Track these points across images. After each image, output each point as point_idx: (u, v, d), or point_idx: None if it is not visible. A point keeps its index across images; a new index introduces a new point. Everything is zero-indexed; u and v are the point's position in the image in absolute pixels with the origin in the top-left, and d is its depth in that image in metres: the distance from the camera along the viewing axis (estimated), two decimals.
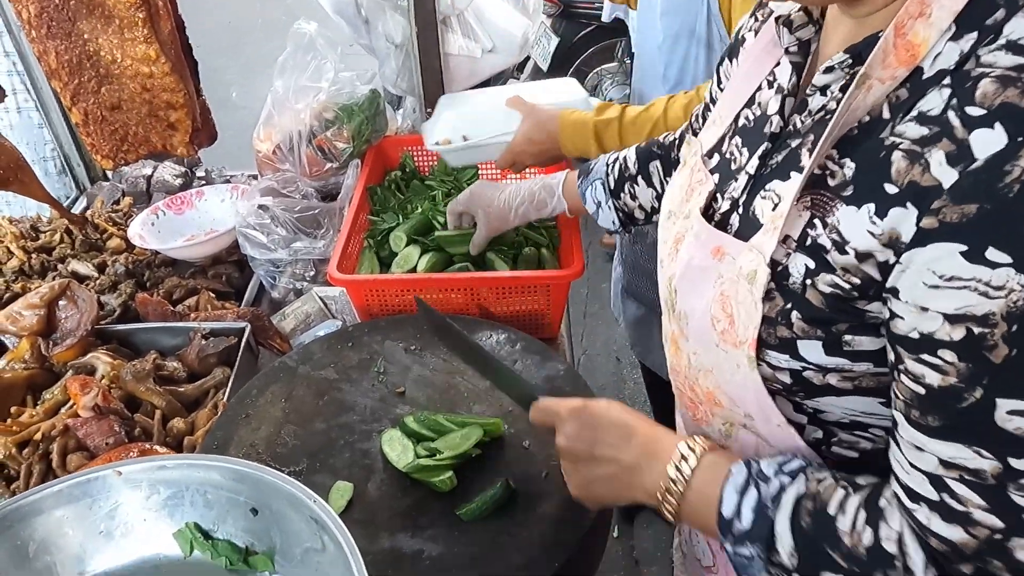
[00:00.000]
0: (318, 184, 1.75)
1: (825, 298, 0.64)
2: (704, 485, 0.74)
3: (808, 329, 0.66)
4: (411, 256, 1.50)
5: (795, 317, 0.67)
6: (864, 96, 0.63)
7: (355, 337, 1.31)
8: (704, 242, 0.77)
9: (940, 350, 0.57)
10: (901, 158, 0.58)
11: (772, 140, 0.75)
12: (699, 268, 0.77)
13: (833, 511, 0.65)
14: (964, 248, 0.53)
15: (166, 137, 1.83)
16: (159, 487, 0.82)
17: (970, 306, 0.54)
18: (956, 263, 0.54)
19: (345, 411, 1.16)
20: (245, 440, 1.12)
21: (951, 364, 0.56)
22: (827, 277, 0.64)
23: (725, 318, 0.73)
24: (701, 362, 0.80)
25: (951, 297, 0.55)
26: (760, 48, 0.82)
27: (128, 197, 1.97)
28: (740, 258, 0.71)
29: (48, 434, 1.21)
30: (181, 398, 1.30)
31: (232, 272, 1.68)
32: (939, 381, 0.57)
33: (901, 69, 0.60)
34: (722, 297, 0.73)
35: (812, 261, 0.65)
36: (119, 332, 1.44)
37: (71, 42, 1.68)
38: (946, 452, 0.58)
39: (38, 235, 1.79)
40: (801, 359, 0.68)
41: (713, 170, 0.83)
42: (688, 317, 0.80)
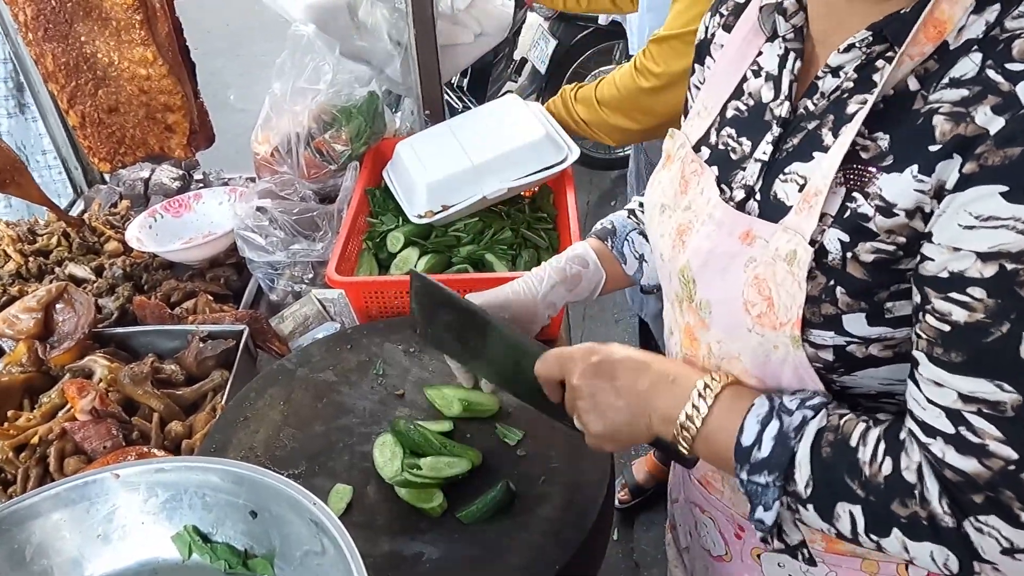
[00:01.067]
0: (316, 186, 1.75)
1: (867, 268, 0.66)
2: (724, 415, 0.74)
3: (852, 303, 0.68)
4: (410, 258, 1.50)
5: (839, 292, 0.68)
6: (893, 72, 0.65)
7: (354, 339, 1.31)
8: (730, 228, 0.76)
9: (970, 287, 0.59)
10: (944, 121, 0.61)
11: (783, 125, 0.76)
12: (725, 254, 0.77)
13: (854, 442, 0.67)
14: (1005, 189, 0.56)
15: (163, 139, 1.82)
16: (157, 490, 0.82)
17: (1005, 244, 0.56)
18: (995, 203, 0.56)
19: (344, 414, 1.16)
20: (244, 443, 1.11)
21: (979, 300, 0.58)
22: (868, 245, 0.66)
23: (762, 301, 0.73)
24: (726, 350, 0.80)
25: (986, 236, 0.57)
26: (740, 39, 0.83)
27: (126, 200, 1.96)
28: (774, 240, 0.71)
29: (45, 438, 1.20)
30: (179, 401, 1.29)
31: (230, 275, 1.67)
32: (966, 317, 0.59)
33: (929, 45, 0.63)
34: (756, 280, 0.73)
35: (846, 234, 0.66)
36: (117, 335, 1.43)
37: (68, 44, 1.67)
38: (967, 386, 0.60)
39: (35, 238, 1.78)
40: (846, 333, 0.69)
41: (709, 161, 0.84)
42: (711, 305, 0.80)
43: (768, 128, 0.77)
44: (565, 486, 1.01)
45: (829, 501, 0.67)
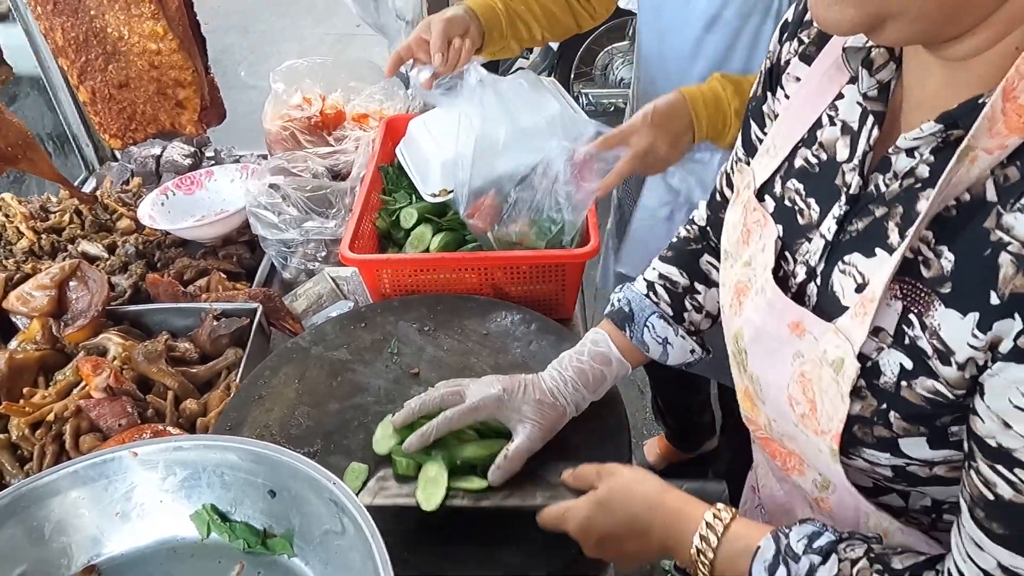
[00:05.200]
0: (328, 164, 1.73)
1: (925, 399, 0.60)
2: (733, 557, 0.73)
3: (910, 427, 0.62)
4: (424, 235, 1.48)
5: (893, 417, 0.62)
6: (968, 170, 0.55)
7: (368, 318, 1.30)
8: (780, 313, 0.71)
9: (1017, 469, 0.55)
10: (1010, 262, 0.52)
11: (851, 202, 0.67)
12: (774, 338, 0.72)
13: None
14: None
15: (174, 116, 1.81)
16: (175, 468, 0.81)
17: None
18: None
19: (359, 392, 1.15)
20: (259, 421, 1.11)
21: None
22: (927, 383, 0.59)
23: (806, 402, 0.68)
24: (782, 430, 0.76)
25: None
26: (820, 74, 0.73)
27: (137, 177, 1.95)
28: (823, 340, 0.65)
29: (61, 415, 1.20)
30: (193, 379, 1.29)
31: (243, 253, 1.66)
32: (1011, 496, 0.56)
33: (1013, 138, 0.52)
34: (802, 379, 0.68)
35: (910, 362, 0.60)
36: (130, 313, 1.42)
37: (77, 19, 1.65)
38: (1007, 559, 0.57)
39: (48, 215, 1.77)
40: (904, 456, 0.64)
41: (775, 216, 0.76)
42: (762, 384, 0.75)
43: (837, 197, 0.68)
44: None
45: None
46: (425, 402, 0.97)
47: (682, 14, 1.45)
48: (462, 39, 1.37)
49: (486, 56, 1.51)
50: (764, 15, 1.35)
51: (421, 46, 1.38)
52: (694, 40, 1.44)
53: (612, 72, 4.11)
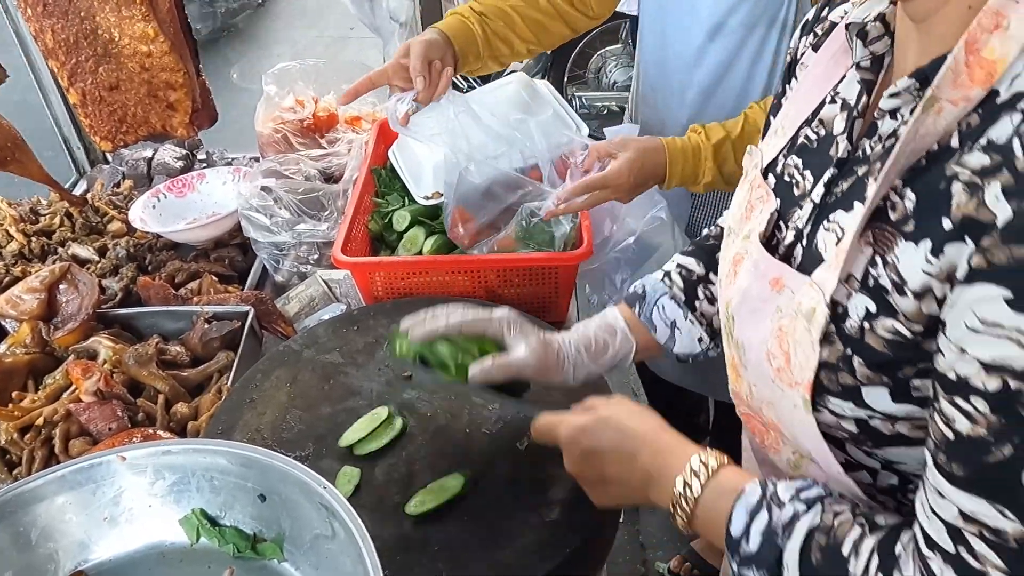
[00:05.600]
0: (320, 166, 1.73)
1: (887, 343, 0.60)
2: (716, 499, 0.72)
3: (872, 376, 0.62)
4: (417, 238, 1.48)
5: (857, 363, 0.62)
6: (934, 121, 0.57)
7: (360, 320, 1.29)
8: (763, 272, 0.72)
9: (973, 397, 0.53)
10: (962, 191, 0.53)
11: (839, 166, 0.69)
12: (757, 298, 0.73)
13: (846, 551, 0.62)
14: (1008, 295, 0.50)
15: (166, 118, 1.80)
16: (164, 472, 0.80)
17: (1008, 358, 0.50)
18: (999, 309, 0.50)
19: (351, 395, 1.14)
20: (250, 425, 1.10)
21: (982, 414, 0.53)
22: (887, 322, 0.60)
23: (781, 355, 0.69)
24: (761, 395, 0.76)
25: (990, 344, 0.51)
26: (827, 58, 0.76)
27: (129, 180, 1.94)
28: (799, 293, 0.66)
29: (50, 419, 1.19)
30: (184, 383, 1.28)
31: (235, 255, 1.65)
32: (968, 429, 0.54)
33: (976, 89, 0.54)
34: (780, 332, 0.69)
35: (873, 304, 0.61)
36: (121, 316, 1.42)
37: (68, 20, 1.64)
38: (968, 505, 0.55)
39: (38, 218, 1.76)
40: (867, 407, 0.64)
41: (775, 191, 0.78)
42: (745, 347, 0.76)
43: (830, 165, 0.71)
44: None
45: None
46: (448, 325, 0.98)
47: (685, 21, 1.44)
48: (442, 62, 1.34)
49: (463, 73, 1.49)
50: (769, 25, 1.35)
51: (399, 71, 1.33)
52: (697, 48, 1.44)
53: (606, 75, 4.11)
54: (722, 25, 1.38)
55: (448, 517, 0.95)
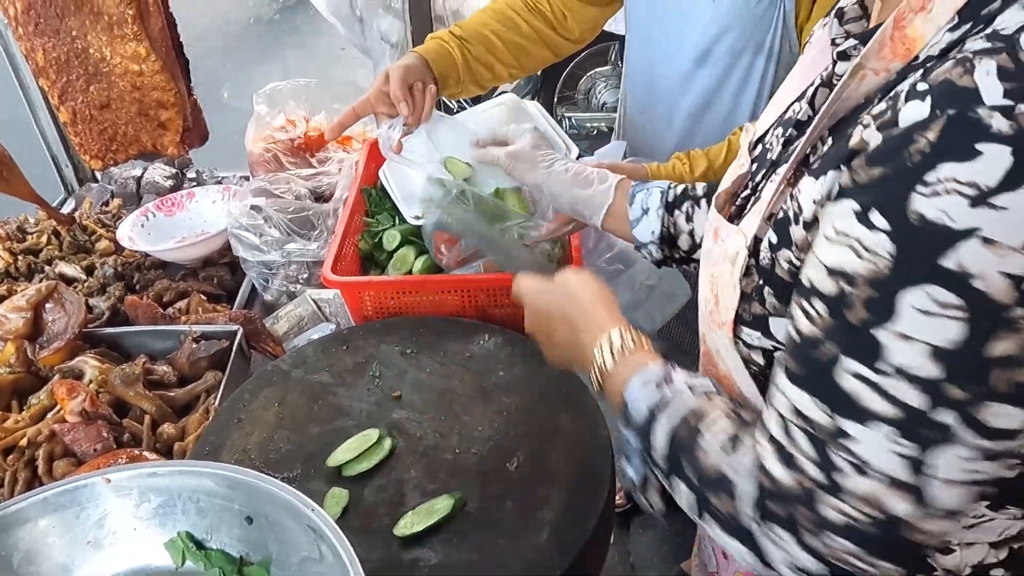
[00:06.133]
0: (311, 185, 1.73)
1: (788, 275, 0.65)
2: (619, 368, 0.79)
3: (778, 306, 0.67)
4: (407, 257, 1.48)
5: (767, 292, 0.67)
6: (857, 86, 0.62)
7: (350, 340, 1.29)
8: (710, 225, 0.79)
9: (814, 299, 0.58)
10: (859, 132, 0.58)
11: (797, 127, 0.74)
12: (706, 252, 0.80)
13: (703, 428, 0.68)
14: (857, 207, 0.54)
15: (156, 136, 1.80)
16: (150, 495, 0.79)
17: (845, 264, 0.55)
18: (848, 220, 0.55)
19: (340, 416, 1.14)
20: (238, 445, 1.09)
21: (819, 315, 0.58)
22: (785, 253, 0.65)
23: (712, 299, 0.75)
24: (707, 344, 0.82)
25: (835, 251, 0.56)
26: (825, 42, 0.80)
27: (117, 199, 1.93)
28: (729, 240, 0.72)
29: (34, 440, 1.17)
30: (171, 403, 1.27)
31: (224, 274, 1.65)
32: (806, 329, 0.59)
33: (896, 62, 0.59)
34: (712, 278, 0.75)
35: (775, 236, 0.66)
36: (108, 336, 1.40)
37: (59, 39, 1.65)
38: (795, 397, 0.60)
39: (25, 236, 1.75)
40: (772, 337, 0.69)
41: (755, 158, 0.82)
42: (699, 300, 0.82)
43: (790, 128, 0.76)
44: (566, 489, 0.99)
45: (672, 474, 0.70)
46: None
47: (672, 47, 1.45)
48: (423, 85, 1.34)
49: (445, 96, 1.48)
50: (756, 52, 1.36)
51: (381, 99, 1.33)
52: (684, 74, 1.45)
53: (595, 96, 4.14)
54: (709, 52, 1.40)
55: (437, 539, 0.94)
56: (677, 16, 1.43)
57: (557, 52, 1.57)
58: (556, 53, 1.57)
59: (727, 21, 1.35)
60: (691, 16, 1.39)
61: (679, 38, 1.42)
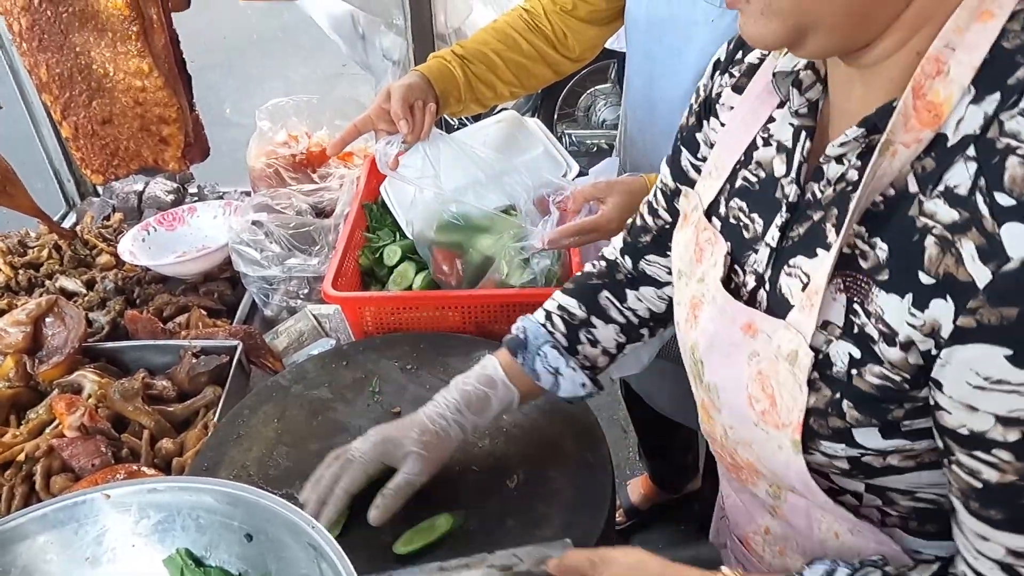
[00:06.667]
0: (312, 200, 1.73)
1: (875, 388, 0.62)
2: None
3: (862, 418, 0.64)
4: (407, 273, 1.48)
5: (846, 406, 0.64)
6: (889, 163, 0.59)
7: (350, 356, 1.29)
8: (732, 317, 0.73)
9: (995, 449, 0.56)
10: (934, 244, 0.56)
11: (791, 210, 0.71)
12: (729, 342, 0.74)
13: None
14: (1009, 352, 0.52)
15: (158, 152, 1.80)
16: (149, 511, 0.79)
17: (1019, 409, 0.53)
18: (1001, 366, 0.53)
19: (340, 432, 1.13)
20: (236, 461, 1.09)
21: (1008, 463, 0.55)
22: (875, 369, 0.62)
23: (765, 398, 0.70)
24: (739, 436, 0.77)
25: (1001, 400, 0.54)
26: (753, 99, 0.78)
27: (119, 213, 1.94)
28: (776, 336, 0.68)
29: (32, 455, 1.17)
30: (170, 418, 1.26)
31: (224, 289, 1.65)
32: (997, 478, 0.57)
33: (926, 131, 0.57)
34: (760, 376, 0.70)
35: (858, 350, 0.62)
36: (107, 350, 1.40)
37: (63, 55, 1.65)
38: (1013, 543, 0.58)
39: (26, 251, 1.75)
40: (859, 446, 0.66)
41: (723, 233, 0.79)
42: (719, 391, 0.77)
43: (778, 208, 0.72)
44: (566, 507, 0.99)
45: None
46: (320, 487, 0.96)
47: (672, 64, 1.46)
48: (423, 103, 1.35)
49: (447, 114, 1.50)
50: None
51: (382, 116, 1.35)
52: (684, 92, 1.45)
53: (595, 113, 4.17)
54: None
55: (437, 556, 0.94)
56: (676, 35, 1.43)
57: (558, 70, 1.58)
58: (557, 71, 1.58)
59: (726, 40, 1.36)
60: (690, 35, 1.40)
61: (679, 56, 1.43)
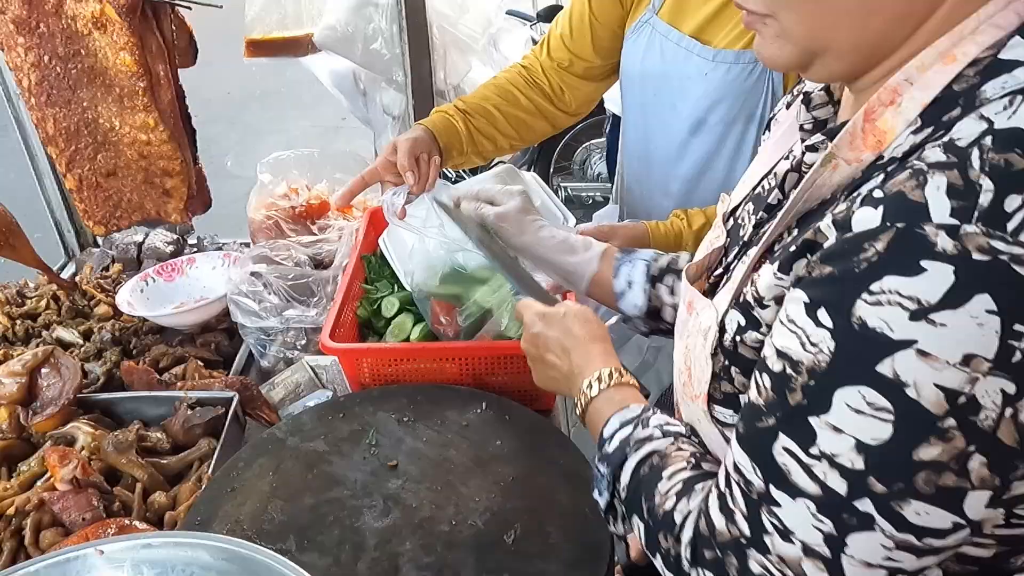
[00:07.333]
0: (311, 252, 1.75)
1: (755, 352, 0.68)
2: (604, 404, 0.87)
3: (746, 383, 0.70)
4: (405, 325, 1.49)
5: (735, 371, 0.71)
6: (829, 175, 0.64)
7: (346, 408, 1.28)
8: (684, 296, 0.83)
9: (763, 373, 0.63)
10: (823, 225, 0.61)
11: (767, 210, 0.78)
12: (680, 323, 0.84)
13: (664, 474, 0.75)
14: (807, 300, 0.58)
15: (160, 204, 1.83)
16: (143, 567, 0.78)
17: (791, 349, 0.59)
18: (798, 310, 0.59)
19: (335, 485, 1.12)
20: (230, 515, 1.07)
21: (765, 388, 0.62)
22: (752, 334, 0.69)
23: (686, 371, 0.79)
24: (682, 413, 0.86)
25: (785, 335, 0.61)
26: (792, 119, 0.84)
27: (118, 264, 1.95)
28: (703, 314, 0.76)
29: (22, 508, 1.15)
30: (164, 470, 1.25)
31: (221, 340, 1.65)
32: (754, 397, 0.64)
33: (867, 153, 0.62)
34: (686, 350, 0.79)
35: (743, 318, 0.70)
36: (102, 401, 1.39)
37: (70, 110, 1.69)
38: (738, 457, 0.65)
39: (24, 301, 1.76)
40: None
41: (729, 231, 0.86)
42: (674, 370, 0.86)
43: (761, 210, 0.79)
44: (564, 563, 0.98)
45: (631, 510, 0.78)
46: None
47: (667, 117, 1.50)
48: (428, 156, 1.39)
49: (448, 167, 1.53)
50: (748, 122, 1.42)
51: (388, 168, 1.38)
52: (679, 143, 1.50)
53: (590, 167, 4.24)
54: (703, 121, 1.45)
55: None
56: (671, 89, 1.48)
57: (555, 124, 1.63)
58: (554, 125, 1.64)
59: (719, 93, 1.41)
60: (684, 88, 1.45)
61: (673, 110, 1.48)
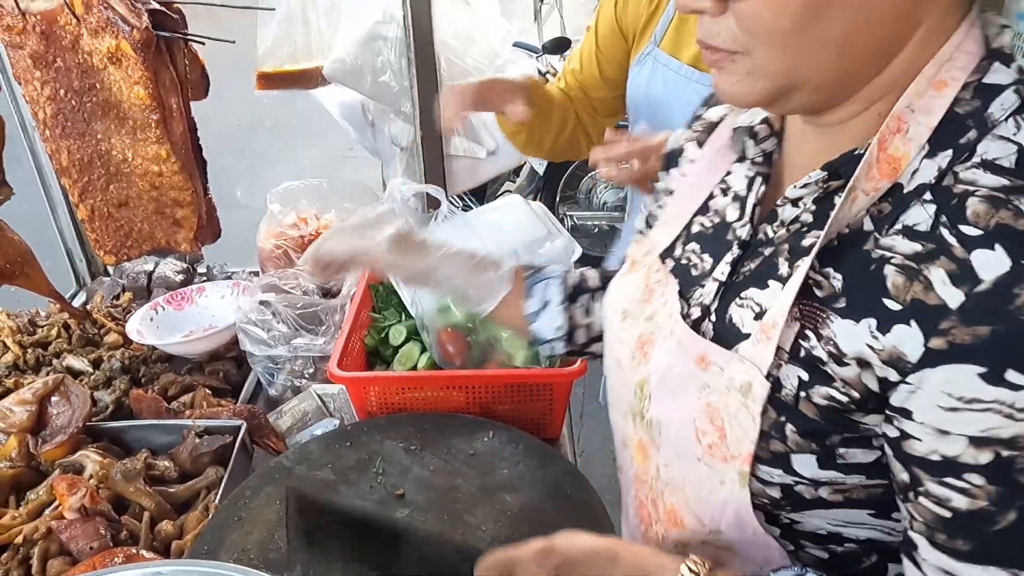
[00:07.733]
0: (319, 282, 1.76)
1: (819, 410, 0.64)
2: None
3: (802, 443, 0.66)
4: (412, 354, 1.49)
5: (789, 430, 0.66)
6: (849, 207, 0.65)
7: (354, 436, 1.28)
8: (687, 350, 0.75)
9: (966, 474, 0.56)
10: (895, 273, 0.59)
11: (743, 247, 0.75)
12: (680, 376, 0.75)
13: None
14: (982, 370, 0.54)
15: (171, 233, 1.85)
16: None
17: (995, 428, 0.54)
18: (975, 385, 0.54)
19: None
20: (237, 544, 1.07)
21: (980, 488, 0.56)
22: (823, 389, 0.64)
23: (714, 431, 0.71)
24: (671, 475, 0.78)
25: (973, 420, 0.55)
26: (712, 154, 0.84)
27: (128, 292, 1.97)
28: (729, 368, 0.69)
29: (30, 537, 1.15)
30: (171, 499, 1.25)
31: (230, 368, 1.66)
32: (967, 505, 0.57)
33: (884, 182, 0.63)
34: (709, 408, 0.71)
35: (806, 373, 0.65)
36: (110, 429, 1.40)
37: (84, 142, 1.72)
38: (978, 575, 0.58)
39: (35, 329, 1.77)
40: (794, 473, 0.68)
41: (673, 273, 0.83)
42: (663, 427, 0.78)
43: (729, 248, 0.76)
44: None
45: None
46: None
47: None
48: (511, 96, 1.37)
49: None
50: None
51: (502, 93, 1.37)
52: None
53: (596, 196, 4.27)
54: None
55: None
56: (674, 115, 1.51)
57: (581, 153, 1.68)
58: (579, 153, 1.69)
59: None
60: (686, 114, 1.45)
61: None
